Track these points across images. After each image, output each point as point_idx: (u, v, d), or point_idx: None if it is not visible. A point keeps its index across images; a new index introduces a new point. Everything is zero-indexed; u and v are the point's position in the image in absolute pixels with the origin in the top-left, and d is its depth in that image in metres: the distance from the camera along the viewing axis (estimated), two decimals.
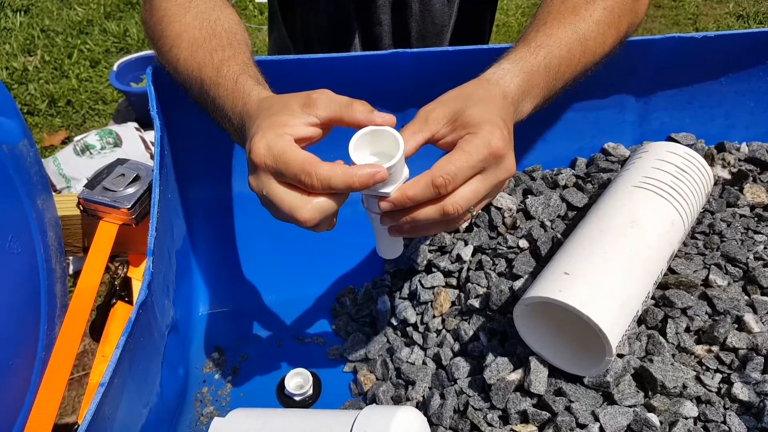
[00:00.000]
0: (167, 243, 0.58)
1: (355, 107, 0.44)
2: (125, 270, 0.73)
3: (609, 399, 0.50)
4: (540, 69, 0.51)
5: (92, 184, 0.65)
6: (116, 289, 0.73)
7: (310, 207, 0.41)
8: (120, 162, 0.68)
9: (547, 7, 0.57)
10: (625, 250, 0.52)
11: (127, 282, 0.73)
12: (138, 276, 0.70)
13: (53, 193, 0.66)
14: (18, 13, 2.58)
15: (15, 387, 0.53)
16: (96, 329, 0.75)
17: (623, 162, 0.70)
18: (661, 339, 0.53)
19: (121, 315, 0.65)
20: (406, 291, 0.67)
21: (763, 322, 0.54)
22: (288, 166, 0.41)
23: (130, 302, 0.70)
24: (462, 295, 0.63)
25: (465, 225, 0.67)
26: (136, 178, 0.66)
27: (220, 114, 0.50)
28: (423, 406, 0.57)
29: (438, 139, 0.47)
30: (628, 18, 0.59)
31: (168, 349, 0.56)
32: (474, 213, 0.45)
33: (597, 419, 0.48)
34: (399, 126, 0.73)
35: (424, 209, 0.43)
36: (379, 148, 0.45)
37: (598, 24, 0.55)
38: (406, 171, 0.44)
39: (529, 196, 0.68)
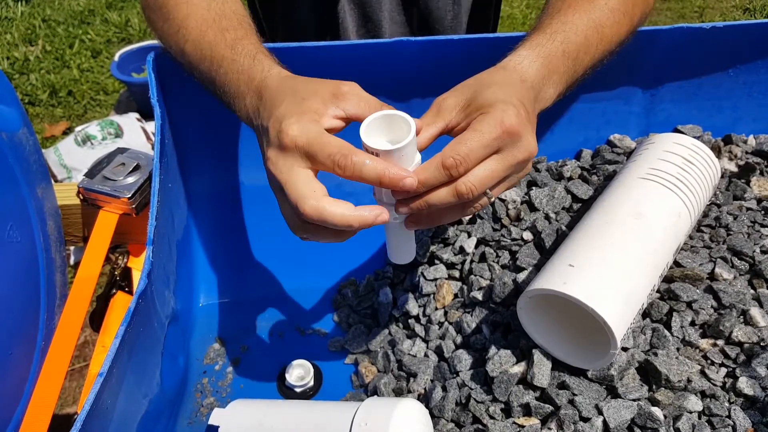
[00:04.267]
0: (168, 233, 0.58)
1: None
2: (125, 260, 0.73)
3: (613, 392, 0.50)
4: (558, 54, 0.50)
5: (92, 173, 0.64)
6: (116, 279, 0.72)
7: (316, 203, 0.40)
8: (120, 151, 0.68)
9: None
10: (630, 242, 0.51)
11: (127, 272, 0.72)
12: (138, 266, 0.70)
13: (53, 182, 0.65)
14: (19, 3, 2.56)
15: (14, 377, 0.52)
16: (96, 319, 0.75)
17: (629, 154, 0.69)
18: (666, 332, 0.52)
19: (121, 305, 0.65)
20: (408, 283, 0.67)
21: None
22: (324, 147, 0.40)
23: (130, 292, 0.70)
24: (465, 287, 0.62)
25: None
26: (137, 168, 0.65)
27: (233, 91, 0.49)
28: (425, 399, 0.56)
29: (453, 128, 0.46)
30: (640, 7, 0.58)
31: (168, 340, 0.56)
32: (491, 197, 0.44)
33: (600, 413, 0.48)
34: None
35: (437, 192, 0.42)
36: (391, 135, 0.44)
37: (612, 12, 0.54)
38: (418, 157, 0.44)
39: (533, 187, 0.68)
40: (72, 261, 1.39)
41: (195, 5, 0.55)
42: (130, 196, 0.62)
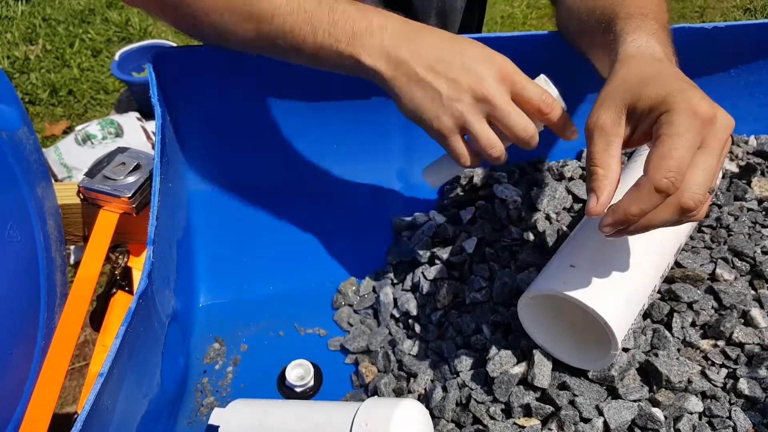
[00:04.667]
0: (168, 232, 0.58)
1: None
2: (126, 259, 0.73)
3: (613, 393, 0.50)
4: (659, 29, 0.48)
5: (92, 172, 0.64)
6: (116, 279, 0.72)
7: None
8: (120, 150, 0.68)
9: None
10: (631, 243, 0.51)
11: (127, 271, 0.72)
12: (138, 266, 0.70)
13: (53, 182, 0.65)
14: (19, 2, 2.56)
15: (14, 376, 0.52)
16: (96, 319, 0.75)
17: (630, 154, 0.69)
18: (667, 333, 0.52)
19: (121, 305, 0.65)
20: (408, 283, 0.66)
21: None
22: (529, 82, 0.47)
23: (131, 292, 0.70)
24: (465, 287, 0.62)
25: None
26: (137, 167, 0.65)
27: (320, 31, 0.49)
28: (425, 399, 0.56)
29: (626, 141, 0.42)
30: None
31: (168, 340, 0.56)
32: (714, 190, 0.40)
33: (601, 413, 0.48)
34: (403, 120, 0.73)
35: (659, 214, 0.39)
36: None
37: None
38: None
39: (534, 188, 0.67)
40: (72, 260, 1.39)
41: None
42: (130, 195, 0.62)
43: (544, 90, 0.48)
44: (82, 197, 0.65)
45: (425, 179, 0.55)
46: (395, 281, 0.68)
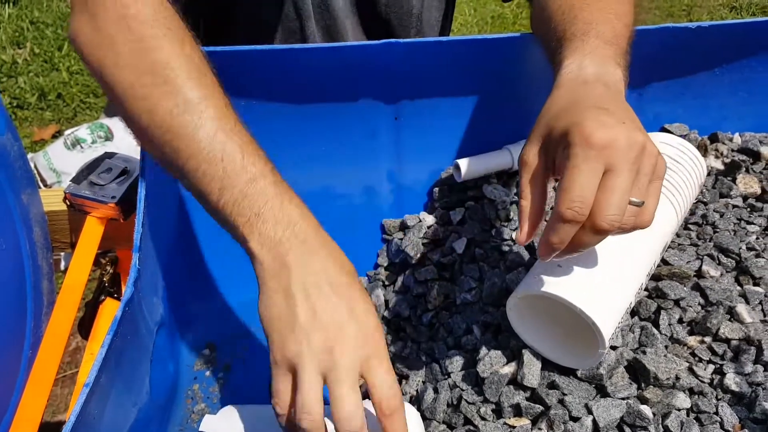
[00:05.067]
0: (155, 238, 0.58)
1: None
2: (114, 266, 0.73)
3: (602, 391, 0.50)
4: (600, 45, 0.48)
5: (79, 178, 0.64)
6: (105, 286, 0.72)
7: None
8: (107, 155, 0.67)
9: (566, 0, 0.54)
10: (618, 241, 0.51)
11: (116, 278, 0.72)
12: (127, 272, 0.70)
13: (39, 188, 0.65)
14: (6, 5, 2.54)
15: (1, 385, 0.52)
16: (85, 326, 0.74)
17: None
18: (654, 330, 0.53)
19: (109, 312, 0.65)
20: (399, 284, 0.67)
21: (755, 312, 0.53)
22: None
23: (119, 298, 0.69)
24: (455, 288, 0.62)
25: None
26: (124, 172, 0.65)
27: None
28: (416, 401, 0.56)
29: (553, 171, 0.44)
30: None
31: (157, 347, 0.55)
32: (641, 203, 0.41)
33: (590, 412, 0.48)
34: (392, 121, 0.72)
35: (582, 239, 0.41)
36: None
37: (620, 3, 0.54)
38: None
39: None
40: (63, 267, 1.38)
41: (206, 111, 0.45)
42: (117, 201, 0.62)
43: (396, 392, 0.41)
44: (68, 203, 0.64)
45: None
46: (386, 283, 0.68)
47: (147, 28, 0.46)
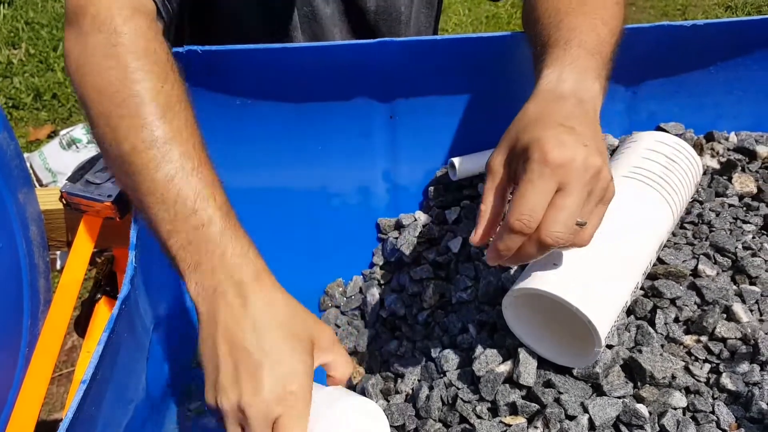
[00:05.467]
0: (151, 236, 0.57)
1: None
2: (111, 265, 0.73)
3: (598, 390, 0.50)
4: (582, 56, 0.49)
5: (75, 177, 0.64)
6: (101, 284, 0.72)
7: None
8: None
9: (552, 3, 0.55)
10: (614, 240, 0.51)
11: (112, 276, 0.72)
12: (124, 270, 0.69)
13: (36, 187, 0.64)
14: (1, 6, 2.53)
15: None
16: (81, 324, 0.74)
17: (612, 152, 0.69)
18: (650, 329, 0.53)
19: (105, 310, 0.65)
20: (395, 283, 0.67)
21: (751, 312, 0.53)
22: None
23: (116, 297, 0.69)
24: (451, 287, 0.62)
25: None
26: None
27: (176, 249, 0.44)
28: (412, 399, 0.56)
29: (515, 181, 0.45)
30: None
31: (153, 344, 0.55)
32: (584, 223, 0.43)
33: (586, 411, 0.48)
34: (387, 120, 0.73)
35: (527, 250, 0.43)
36: None
37: (606, 8, 0.54)
38: None
39: None
40: (58, 266, 1.38)
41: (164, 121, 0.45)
42: (113, 200, 0.62)
43: None
44: (64, 202, 0.64)
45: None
46: (382, 282, 0.68)
47: (133, 59, 0.46)
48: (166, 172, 0.44)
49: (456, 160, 0.67)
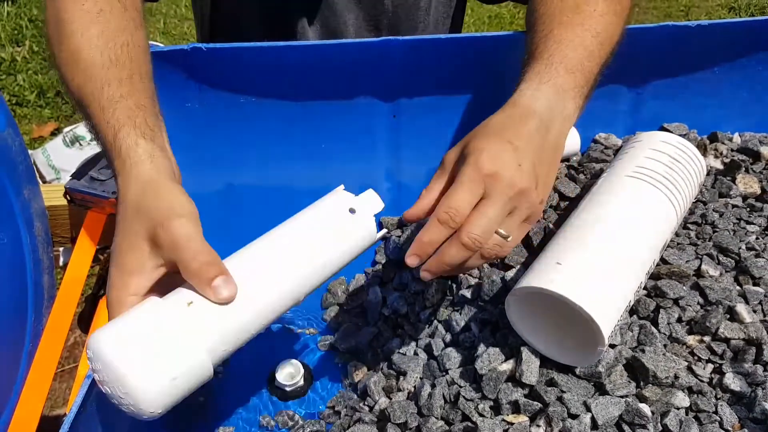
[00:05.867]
0: None
1: (196, 271, 0.43)
2: None
3: (601, 389, 0.50)
4: (561, 74, 0.51)
5: (79, 174, 0.64)
6: (104, 280, 0.72)
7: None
8: None
9: (547, 9, 0.56)
10: (617, 240, 0.51)
11: None
12: None
13: (40, 184, 0.65)
14: (5, 3, 2.54)
15: (1, 379, 0.52)
16: (85, 320, 0.74)
17: (616, 152, 0.69)
18: (653, 329, 0.53)
19: None
20: (397, 281, 0.67)
21: (755, 312, 0.53)
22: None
23: None
24: (453, 285, 0.62)
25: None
26: None
27: (104, 153, 0.49)
28: (414, 397, 0.56)
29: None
30: (627, 1, 0.58)
31: None
32: (508, 237, 0.45)
33: (589, 409, 0.48)
34: (390, 119, 0.73)
35: (447, 250, 0.44)
36: None
37: (603, 15, 0.54)
38: None
39: None
40: (61, 262, 1.38)
41: (89, 41, 0.50)
42: (117, 196, 0.62)
43: None
44: (69, 199, 0.64)
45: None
46: (384, 280, 0.68)
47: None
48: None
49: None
